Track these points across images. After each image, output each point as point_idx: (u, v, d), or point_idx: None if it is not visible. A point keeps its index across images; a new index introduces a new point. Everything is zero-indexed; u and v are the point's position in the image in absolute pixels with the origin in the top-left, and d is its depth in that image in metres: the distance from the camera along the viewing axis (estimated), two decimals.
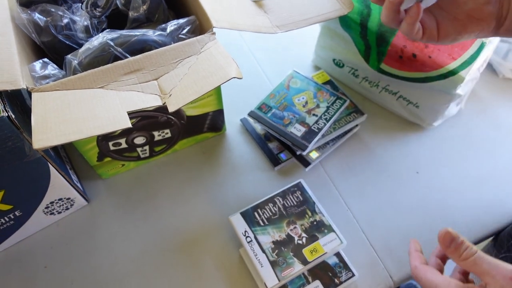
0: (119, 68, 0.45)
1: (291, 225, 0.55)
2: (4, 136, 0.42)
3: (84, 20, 0.53)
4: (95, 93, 0.43)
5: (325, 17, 0.56)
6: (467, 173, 0.64)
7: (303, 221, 0.55)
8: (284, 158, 0.65)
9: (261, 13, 0.54)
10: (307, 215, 0.56)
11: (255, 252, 0.53)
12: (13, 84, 0.42)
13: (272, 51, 0.81)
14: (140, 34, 0.49)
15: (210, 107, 0.61)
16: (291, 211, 0.56)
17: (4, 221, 0.53)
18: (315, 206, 0.56)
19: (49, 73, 0.48)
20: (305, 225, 0.55)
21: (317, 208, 0.56)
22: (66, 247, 0.57)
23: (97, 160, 0.59)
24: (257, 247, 0.53)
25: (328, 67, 0.75)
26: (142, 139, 0.59)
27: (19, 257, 0.56)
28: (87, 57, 0.48)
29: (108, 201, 0.62)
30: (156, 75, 0.45)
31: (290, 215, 0.56)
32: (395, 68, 0.63)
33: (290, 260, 0.52)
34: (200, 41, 0.48)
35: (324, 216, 0.56)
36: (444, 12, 0.42)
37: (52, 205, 0.56)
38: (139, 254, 0.57)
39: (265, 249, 0.53)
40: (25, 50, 0.49)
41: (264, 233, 0.54)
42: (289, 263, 0.52)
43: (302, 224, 0.55)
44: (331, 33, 0.70)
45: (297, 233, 0.54)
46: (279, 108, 0.65)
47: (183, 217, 0.60)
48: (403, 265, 0.56)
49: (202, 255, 0.57)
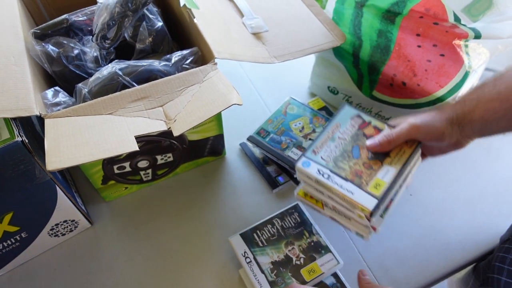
0: (127, 96, 0.48)
1: (289, 245, 0.57)
2: (17, 160, 0.45)
3: (94, 51, 0.57)
4: (104, 119, 0.46)
5: (319, 48, 0.60)
6: (459, 195, 0.67)
7: (301, 242, 0.57)
8: (282, 181, 0.67)
9: (260, 44, 0.58)
10: (304, 236, 0.57)
11: (255, 273, 0.54)
12: (27, 111, 0.45)
13: (270, 80, 0.85)
14: (147, 64, 0.53)
15: (211, 132, 0.64)
16: (289, 232, 0.58)
17: (10, 243, 0.54)
18: (312, 227, 0.58)
19: (60, 101, 0.51)
20: (303, 245, 0.56)
21: (314, 229, 0.58)
22: (69, 268, 0.59)
23: (102, 183, 0.61)
24: (256, 267, 0.54)
25: (324, 94, 0.78)
26: (146, 162, 0.62)
27: (23, 278, 0.58)
28: (97, 86, 0.51)
29: (111, 223, 0.63)
30: (162, 102, 0.48)
31: (288, 236, 0.57)
32: (387, 95, 0.67)
33: (288, 281, 0.53)
34: (203, 71, 0.51)
35: (321, 237, 0.57)
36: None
37: (57, 227, 0.58)
38: (141, 274, 0.58)
39: (264, 269, 0.54)
40: (37, 79, 0.53)
41: (263, 254, 0.56)
42: (288, 283, 0.53)
43: (300, 245, 0.57)
44: (325, 62, 0.74)
45: (295, 253, 0.56)
46: (277, 133, 0.68)
47: (184, 238, 0.62)
48: (399, 285, 0.57)
49: (203, 275, 0.58)
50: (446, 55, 0.56)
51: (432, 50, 0.57)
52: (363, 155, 0.50)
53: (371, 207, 0.45)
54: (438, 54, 0.57)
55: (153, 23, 0.59)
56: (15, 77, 0.48)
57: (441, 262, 0.59)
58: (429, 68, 0.59)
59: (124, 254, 0.60)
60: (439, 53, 0.57)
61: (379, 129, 0.52)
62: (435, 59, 0.58)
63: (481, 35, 0.52)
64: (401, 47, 0.60)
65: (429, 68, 0.59)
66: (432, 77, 0.60)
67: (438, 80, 0.59)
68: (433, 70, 0.59)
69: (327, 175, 0.48)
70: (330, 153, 0.50)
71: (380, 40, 0.61)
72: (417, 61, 0.59)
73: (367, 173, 0.48)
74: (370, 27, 0.60)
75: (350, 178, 0.48)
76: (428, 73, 0.60)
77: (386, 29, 0.59)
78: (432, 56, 0.57)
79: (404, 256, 0.60)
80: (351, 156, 0.50)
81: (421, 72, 0.60)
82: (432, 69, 0.59)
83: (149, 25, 0.59)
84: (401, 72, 0.62)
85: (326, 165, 0.49)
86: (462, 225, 0.63)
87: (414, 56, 0.59)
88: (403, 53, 0.60)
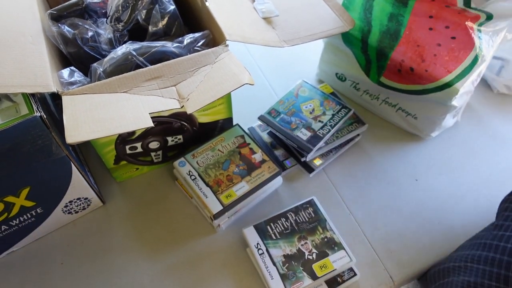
0: (141, 75, 0.49)
1: (302, 240, 0.57)
2: (36, 135, 0.46)
3: (108, 33, 0.58)
4: (119, 96, 0.47)
5: (329, 33, 0.61)
6: (464, 180, 0.68)
7: (314, 237, 0.57)
8: (289, 165, 0.68)
9: (270, 28, 0.59)
10: (318, 231, 0.58)
11: (266, 265, 0.55)
12: (45, 87, 0.46)
13: (278, 67, 0.86)
14: (160, 46, 0.54)
15: (221, 115, 0.65)
16: (303, 227, 0.58)
17: (27, 217, 0.56)
18: (326, 223, 0.58)
19: (76, 80, 0.52)
20: (316, 241, 0.57)
21: (328, 226, 0.58)
22: (82, 245, 0.61)
23: (114, 163, 0.63)
24: (269, 259, 0.55)
25: (331, 81, 0.79)
26: (157, 144, 0.63)
27: (38, 253, 0.60)
28: (111, 65, 0.53)
29: (122, 203, 0.65)
30: (175, 82, 0.49)
31: (301, 230, 0.58)
32: (394, 81, 0.68)
33: (299, 274, 0.54)
34: (214, 52, 0.52)
35: (335, 233, 0.57)
36: None
37: (71, 204, 0.59)
38: (151, 252, 0.60)
39: (276, 262, 0.55)
40: (54, 59, 0.54)
41: (276, 247, 0.56)
42: (299, 277, 0.53)
43: (313, 240, 0.57)
44: (334, 49, 0.74)
45: (308, 248, 0.56)
46: (287, 113, 0.69)
47: (193, 218, 0.63)
48: (403, 266, 0.59)
49: (212, 253, 0.59)
50: (458, 37, 0.57)
51: (444, 32, 0.57)
52: (230, 169, 0.61)
53: (215, 211, 0.57)
54: (450, 37, 0.57)
55: (165, 7, 0.60)
56: (33, 55, 0.49)
57: (445, 245, 0.60)
58: (438, 53, 0.59)
59: (135, 232, 0.62)
60: (451, 35, 0.57)
61: (253, 151, 0.63)
62: (445, 42, 0.58)
63: (492, 16, 0.52)
64: (411, 31, 0.61)
65: (438, 52, 0.59)
66: (441, 62, 0.60)
67: (446, 65, 0.60)
68: (443, 54, 0.59)
69: (194, 177, 0.60)
70: (205, 160, 0.62)
71: (391, 25, 0.62)
72: (426, 45, 0.60)
73: (226, 184, 0.60)
74: (381, 11, 0.61)
75: (211, 184, 0.60)
76: (437, 58, 0.60)
77: (398, 12, 0.59)
78: (443, 39, 0.58)
79: (409, 239, 0.61)
80: (221, 167, 0.62)
81: (430, 57, 0.61)
82: (441, 53, 0.59)
83: (162, 8, 0.60)
84: (409, 57, 0.63)
85: (197, 169, 0.61)
86: (466, 210, 0.64)
87: (424, 40, 0.60)
88: (413, 38, 0.60)
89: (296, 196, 0.65)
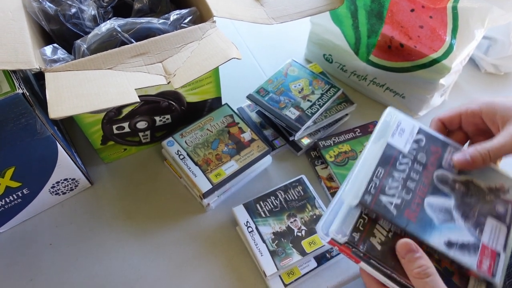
0: (126, 52, 0.48)
1: (292, 217, 0.57)
2: (19, 113, 0.45)
3: (92, 10, 0.57)
4: (104, 73, 0.46)
5: (318, 11, 0.60)
6: None
7: (303, 215, 0.58)
8: (278, 145, 0.68)
9: (258, 5, 0.58)
10: (307, 209, 0.58)
11: (256, 242, 0.55)
12: (27, 64, 0.45)
13: (267, 47, 0.85)
14: (145, 22, 0.53)
15: (209, 94, 0.64)
16: (292, 205, 0.59)
17: (13, 199, 0.55)
18: (315, 201, 0.59)
19: (59, 57, 0.51)
20: (305, 218, 0.57)
21: (317, 203, 0.59)
22: (71, 226, 0.60)
23: (101, 144, 0.62)
24: (258, 237, 0.55)
25: (319, 62, 0.79)
26: (144, 123, 0.62)
27: (26, 235, 0.59)
28: (95, 42, 0.51)
29: (110, 184, 0.65)
30: (161, 58, 0.49)
31: (291, 208, 0.58)
32: (384, 59, 0.68)
33: (289, 251, 0.54)
34: (201, 28, 0.51)
35: (324, 211, 0.58)
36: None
37: (58, 185, 0.59)
38: (140, 232, 0.60)
39: (266, 239, 0.55)
40: (35, 36, 0.53)
41: (265, 224, 0.57)
42: (288, 254, 0.54)
43: (302, 217, 0.57)
44: (322, 29, 0.74)
45: (297, 225, 0.57)
46: (276, 93, 0.68)
47: (182, 198, 0.63)
48: None
49: (201, 232, 0.60)
50: (434, 16, 0.57)
51: (423, 12, 0.57)
52: (219, 148, 0.61)
53: (204, 190, 0.57)
54: (428, 16, 0.57)
55: None
56: (13, 31, 0.48)
57: None
58: (421, 34, 0.60)
59: (124, 212, 0.62)
60: (428, 14, 0.57)
61: (242, 130, 0.63)
62: (426, 23, 0.58)
63: None
64: (393, 14, 0.60)
65: (421, 34, 0.60)
66: (426, 42, 0.60)
67: (431, 44, 0.60)
68: (426, 35, 0.59)
69: (182, 157, 0.60)
70: (194, 140, 0.62)
71: (374, 6, 0.61)
72: (409, 27, 0.60)
73: (215, 163, 0.60)
74: None
75: (200, 163, 0.60)
76: (421, 38, 0.60)
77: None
78: (423, 20, 0.58)
79: None
80: (210, 147, 0.61)
81: (415, 38, 0.61)
82: (425, 35, 0.59)
83: None
84: (398, 33, 0.62)
85: (186, 149, 0.61)
86: None
87: (406, 22, 0.60)
88: (396, 20, 0.60)
89: (286, 175, 0.66)
